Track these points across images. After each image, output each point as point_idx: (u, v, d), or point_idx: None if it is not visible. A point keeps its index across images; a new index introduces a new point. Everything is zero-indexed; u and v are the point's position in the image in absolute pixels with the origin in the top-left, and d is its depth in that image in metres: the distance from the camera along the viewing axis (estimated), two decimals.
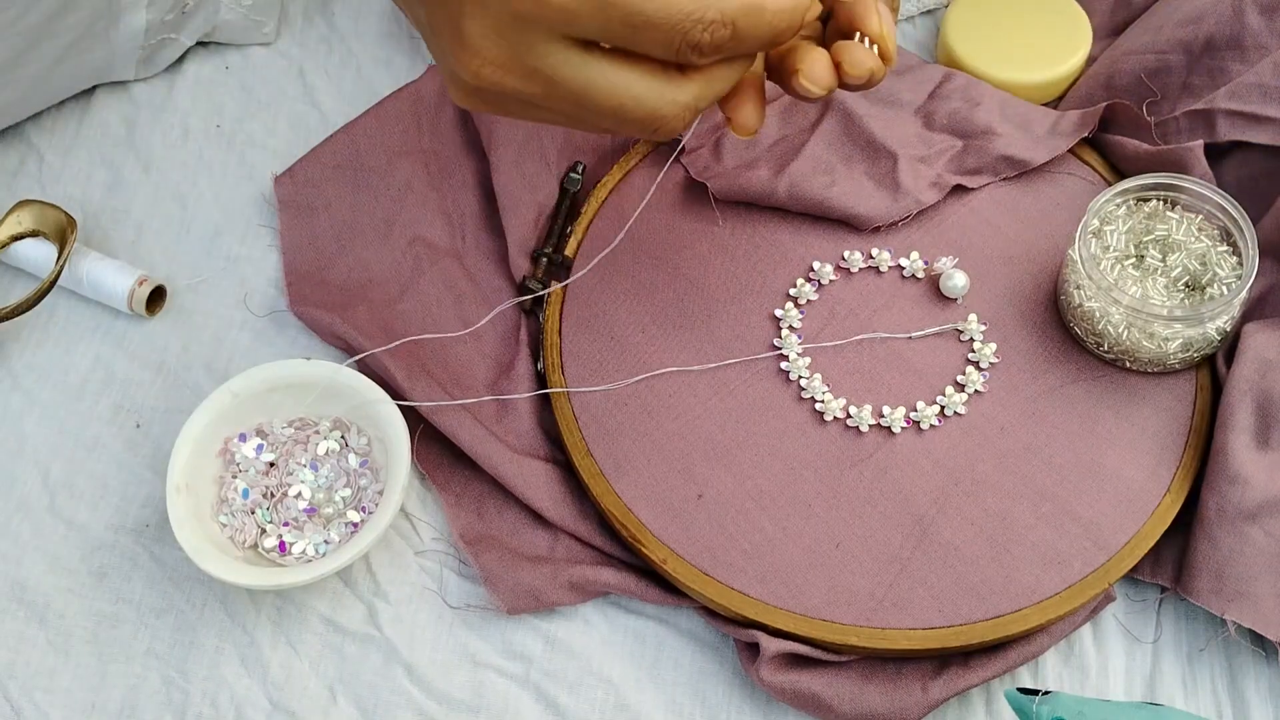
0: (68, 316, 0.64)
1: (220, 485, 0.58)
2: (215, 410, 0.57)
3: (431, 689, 0.55)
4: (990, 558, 0.55)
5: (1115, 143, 0.65)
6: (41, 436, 0.61)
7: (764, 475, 0.58)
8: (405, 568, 0.58)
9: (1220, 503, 0.55)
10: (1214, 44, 0.65)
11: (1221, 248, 0.60)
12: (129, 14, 0.66)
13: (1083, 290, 0.59)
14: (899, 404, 0.59)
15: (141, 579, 0.58)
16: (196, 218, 0.67)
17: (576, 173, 0.66)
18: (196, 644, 0.56)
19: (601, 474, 0.58)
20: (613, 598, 0.57)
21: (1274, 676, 0.55)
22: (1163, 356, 0.59)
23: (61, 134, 0.70)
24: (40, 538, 0.59)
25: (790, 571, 0.55)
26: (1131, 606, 0.57)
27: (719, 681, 0.56)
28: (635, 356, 0.61)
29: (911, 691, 0.53)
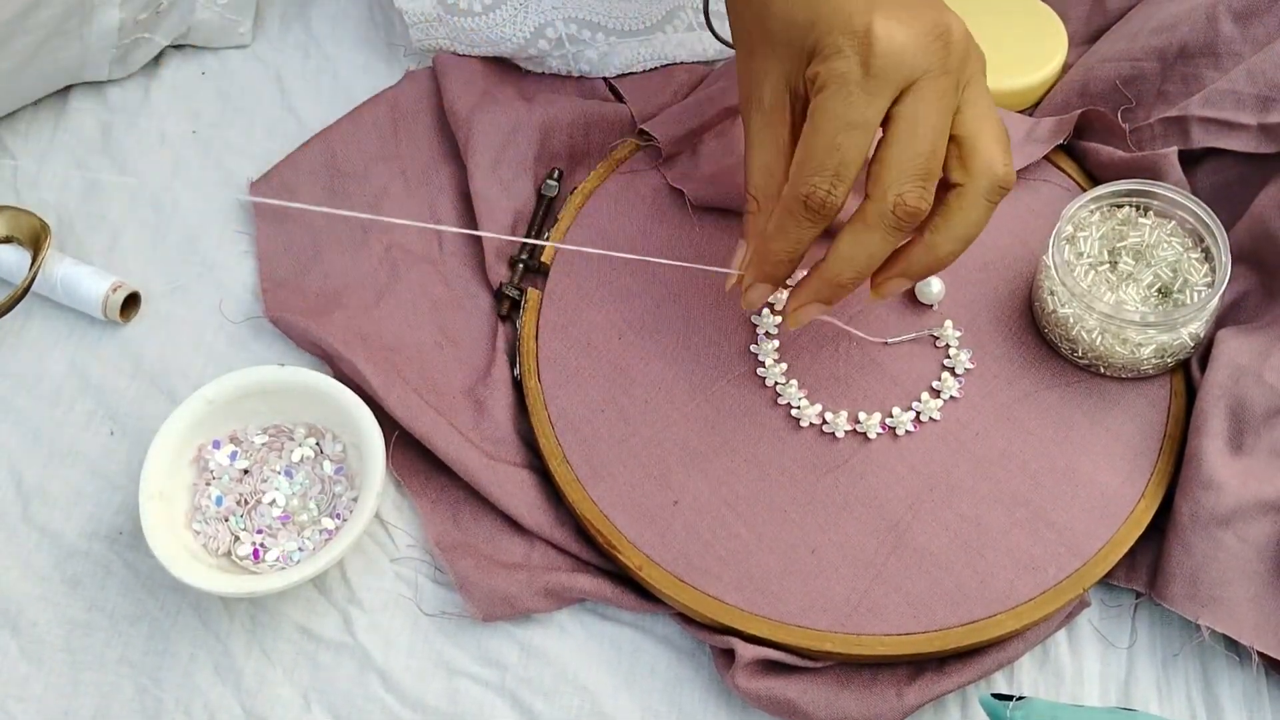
0: (41, 323, 0.64)
1: (194, 493, 0.57)
2: (189, 417, 0.57)
3: (406, 696, 0.55)
4: (965, 563, 0.56)
5: (1090, 149, 0.66)
6: (15, 443, 0.61)
7: (740, 481, 0.58)
8: (380, 575, 0.58)
9: (1194, 508, 0.55)
10: (1188, 51, 0.65)
11: (1194, 254, 0.60)
12: (102, 12, 0.66)
13: (1056, 296, 0.59)
14: (875, 410, 0.59)
15: (115, 587, 0.57)
16: (172, 223, 0.67)
17: (553, 179, 0.66)
18: (170, 652, 0.56)
19: (577, 480, 0.58)
20: (589, 604, 0.57)
21: (1248, 681, 0.55)
22: (1136, 362, 0.59)
23: (36, 138, 0.70)
24: (13, 545, 0.58)
25: (766, 578, 0.55)
26: (1106, 612, 0.57)
27: (695, 688, 0.55)
28: (612, 362, 0.61)
29: (886, 697, 0.53)
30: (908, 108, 0.49)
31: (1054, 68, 0.69)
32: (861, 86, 0.48)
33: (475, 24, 0.68)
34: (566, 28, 0.69)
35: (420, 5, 0.68)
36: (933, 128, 0.49)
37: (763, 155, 0.53)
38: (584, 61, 0.69)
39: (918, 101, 0.49)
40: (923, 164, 0.50)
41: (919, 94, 0.49)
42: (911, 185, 0.50)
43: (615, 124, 0.68)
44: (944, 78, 0.49)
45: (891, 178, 0.50)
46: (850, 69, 0.48)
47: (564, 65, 0.70)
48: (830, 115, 0.49)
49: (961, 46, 0.50)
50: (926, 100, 0.49)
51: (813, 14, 0.50)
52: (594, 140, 0.68)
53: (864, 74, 0.48)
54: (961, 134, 0.51)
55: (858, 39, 0.48)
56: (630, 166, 0.67)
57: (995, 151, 0.51)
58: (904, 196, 0.50)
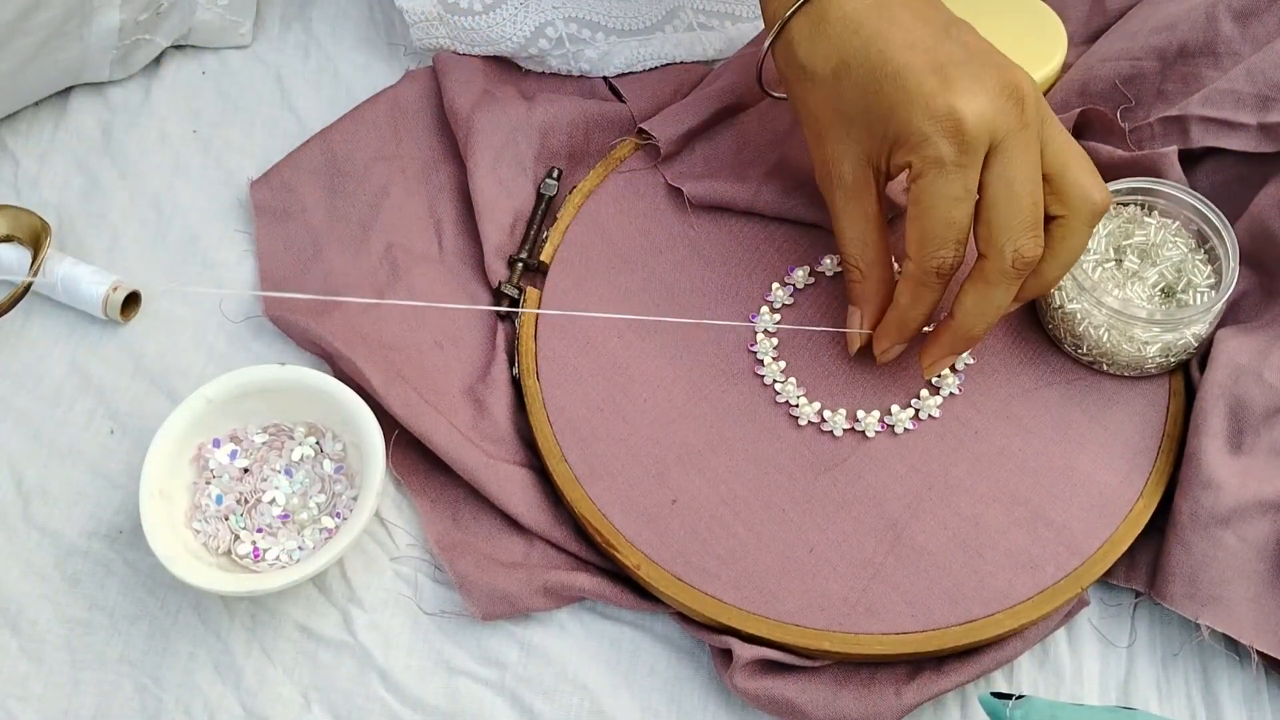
0: (42, 322, 0.64)
1: (194, 491, 0.57)
2: (189, 416, 0.57)
3: (406, 695, 0.55)
4: (963, 562, 0.56)
5: (1090, 148, 0.65)
6: (15, 442, 0.61)
7: (738, 480, 0.58)
8: (380, 574, 0.58)
9: (1193, 507, 0.55)
10: (1188, 50, 0.65)
11: (1198, 255, 0.60)
12: (102, 13, 0.66)
13: (1064, 291, 0.59)
14: (873, 408, 0.59)
15: (115, 586, 0.57)
16: (172, 223, 0.67)
17: (553, 178, 0.66)
18: (170, 651, 0.56)
19: (576, 480, 0.58)
20: (588, 603, 0.57)
21: (1248, 681, 0.55)
22: (1140, 360, 0.59)
23: (37, 138, 0.70)
24: (13, 544, 0.58)
25: (764, 577, 0.55)
26: (1106, 611, 0.57)
27: (694, 687, 0.56)
28: (610, 361, 0.61)
29: (885, 696, 0.53)
30: (1000, 169, 0.52)
31: (1053, 67, 0.69)
32: (956, 163, 0.52)
33: (475, 23, 0.68)
34: (566, 27, 0.69)
35: (420, 4, 0.68)
36: (1027, 179, 0.52)
37: (854, 229, 0.56)
38: (584, 61, 0.70)
39: (1008, 162, 0.52)
40: (1028, 216, 0.53)
41: (1008, 154, 0.52)
42: (1025, 238, 0.53)
43: (615, 123, 0.68)
44: (1024, 131, 0.52)
45: (1005, 237, 0.53)
46: (943, 152, 0.52)
47: (564, 65, 0.70)
48: (937, 197, 0.52)
49: (1034, 98, 0.53)
50: (1015, 158, 0.52)
51: (889, 100, 0.53)
52: (594, 140, 0.68)
53: (956, 153, 0.51)
54: (1051, 171, 0.54)
55: (941, 123, 0.51)
56: (630, 165, 0.67)
57: (1087, 180, 0.54)
58: (1020, 250, 0.53)
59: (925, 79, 0.52)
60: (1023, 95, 0.52)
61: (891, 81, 0.52)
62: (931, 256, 0.54)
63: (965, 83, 0.52)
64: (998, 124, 0.52)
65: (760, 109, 0.68)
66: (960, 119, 0.51)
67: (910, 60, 0.52)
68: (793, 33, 0.56)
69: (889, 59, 0.53)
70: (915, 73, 0.52)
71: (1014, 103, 0.52)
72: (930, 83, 0.52)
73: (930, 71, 0.52)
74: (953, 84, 0.51)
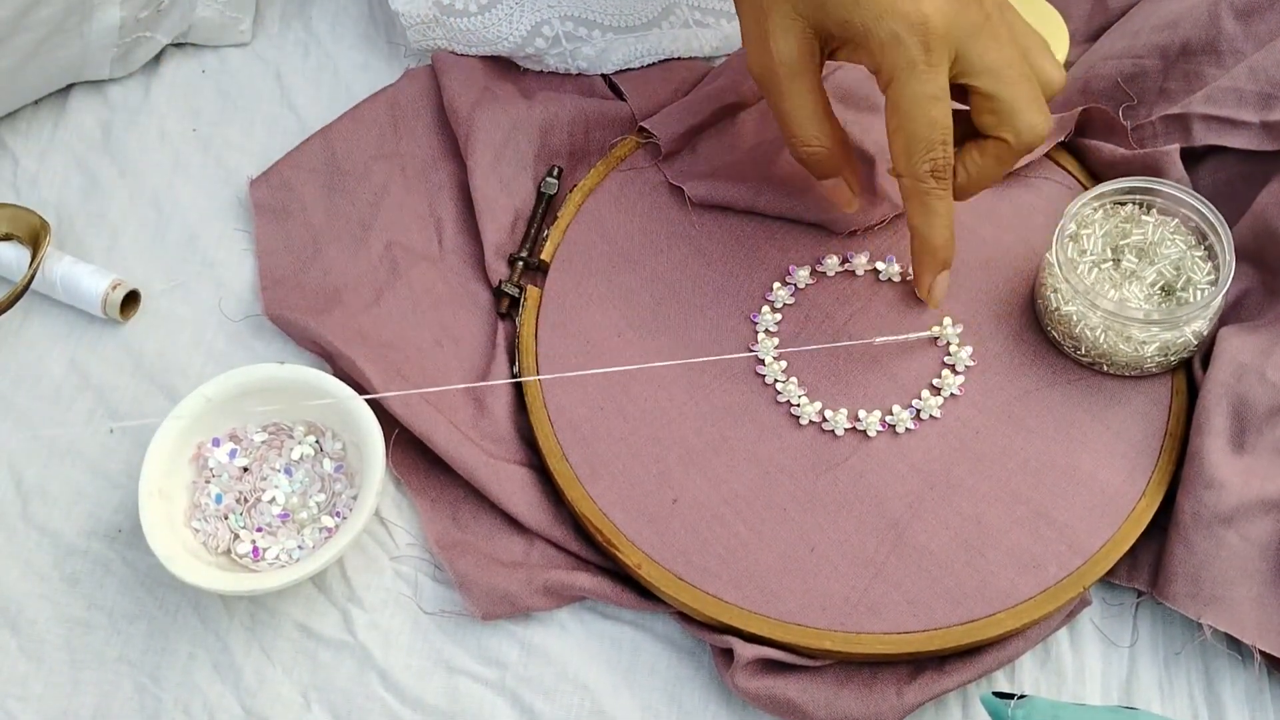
0: (41, 321, 0.64)
1: (193, 490, 0.57)
2: (189, 415, 0.57)
3: (406, 695, 0.55)
4: (965, 561, 0.55)
5: (1092, 147, 0.65)
6: (14, 441, 0.61)
7: (739, 479, 0.58)
8: (380, 573, 0.58)
9: (1196, 507, 0.55)
10: (1190, 49, 0.65)
11: (1197, 252, 0.60)
12: (102, 10, 0.66)
13: (1060, 294, 0.59)
14: (875, 407, 0.59)
15: (114, 585, 0.57)
16: (172, 221, 0.67)
17: (553, 176, 0.66)
18: (169, 650, 0.56)
19: (576, 479, 0.57)
20: (588, 603, 0.57)
21: (1250, 680, 0.55)
22: (1139, 360, 0.59)
23: (37, 137, 0.70)
24: (12, 544, 0.58)
25: (765, 576, 0.55)
26: (1108, 610, 0.57)
27: (695, 687, 0.55)
28: (611, 360, 0.61)
29: (886, 696, 0.53)
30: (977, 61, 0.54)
31: None
32: (928, 64, 0.52)
33: (471, 24, 0.68)
34: (563, 25, 0.69)
35: (416, 7, 0.68)
36: (1009, 62, 0.54)
37: (803, 107, 0.56)
38: (581, 58, 0.69)
39: (983, 52, 0.54)
40: (1031, 89, 0.55)
41: (980, 47, 0.53)
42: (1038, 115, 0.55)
43: (615, 121, 0.68)
44: (988, 23, 0.53)
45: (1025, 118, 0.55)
46: (915, 55, 0.52)
47: (561, 63, 0.70)
48: (915, 98, 0.53)
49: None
50: (989, 48, 0.53)
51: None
52: (594, 138, 0.67)
53: (926, 55, 0.52)
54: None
55: (912, 26, 0.52)
56: (630, 164, 0.67)
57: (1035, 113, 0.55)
58: (1040, 130, 0.55)
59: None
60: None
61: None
62: (923, 161, 0.54)
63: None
64: (960, 21, 0.53)
65: (761, 107, 0.68)
66: (929, 23, 0.52)
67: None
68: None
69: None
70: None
71: (973, 3, 0.53)
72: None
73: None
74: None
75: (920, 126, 0.54)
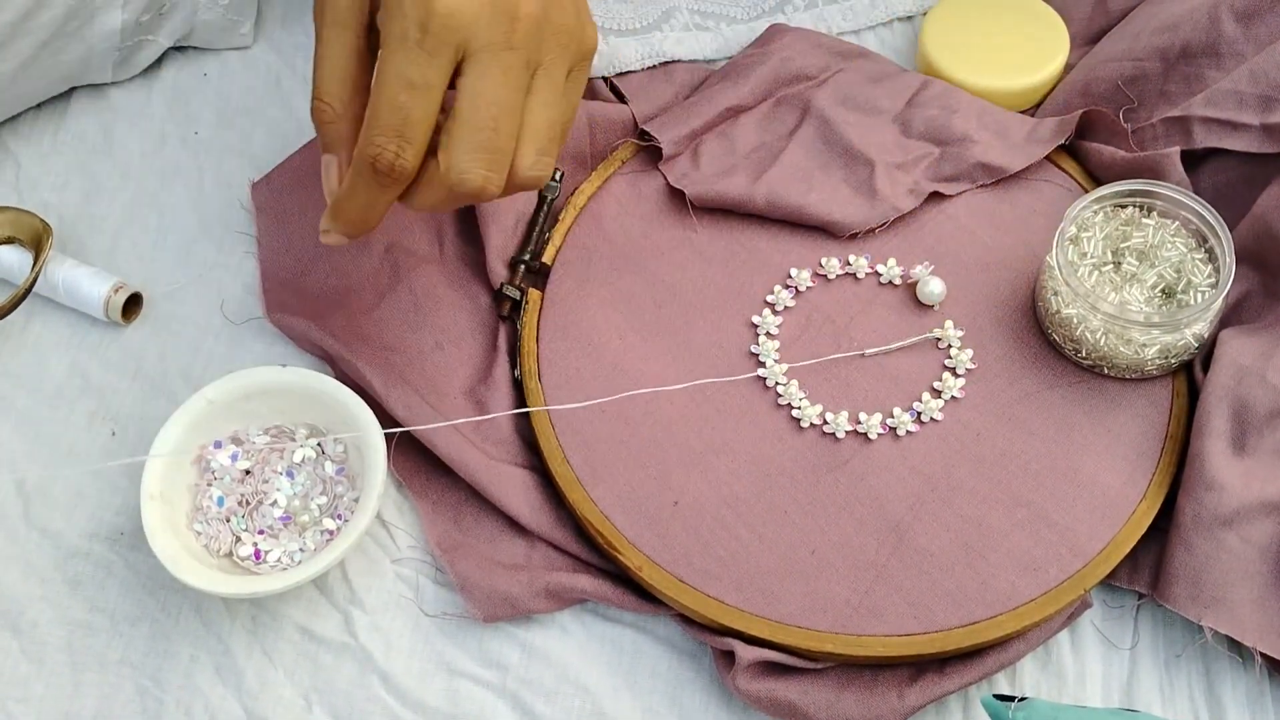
0: (43, 324, 0.64)
1: (195, 493, 0.57)
2: (191, 417, 0.57)
3: (407, 697, 0.55)
4: (966, 564, 0.55)
5: (1092, 150, 0.66)
6: (16, 444, 0.61)
7: (740, 482, 0.58)
8: (381, 576, 0.58)
9: (1196, 509, 0.55)
10: (1190, 51, 0.65)
11: (1198, 254, 0.60)
12: (104, 13, 0.66)
13: (1060, 297, 0.59)
14: (876, 410, 0.59)
15: (116, 587, 0.57)
16: (173, 225, 0.67)
17: (555, 179, 0.66)
18: (171, 653, 0.56)
19: (578, 481, 0.58)
20: (589, 605, 0.57)
21: (1251, 682, 0.55)
22: (1140, 363, 0.59)
23: (38, 140, 0.70)
24: (14, 546, 0.58)
25: (766, 578, 0.55)
26: (1109, 613, 0.57)
27: (696, 689, 0.55)
28: (612, 363, 0.61)
29: (887, 699, 0.53)
30: (469, 80, 0.48)
31: (1056, 68, 0.69)
32: (420, 45, 0.47)
33: None
34: None
35: None
36: (495, 102, 0.48)
37: (334, 61, 0.51)
38: None
39: (479, 75, 0.48)
40: (485, 139, 0.49)
41: (480, 66, 0.48)
42: (472, 162, 0.49)
43: (617, 125, 0.68)
44: (508, 53, 0.48)
45: (453, 155, 0.49)
46: (409, 29, 0.47)
47: None
48: (392, 73, 0.48)
49: (531, 24, 0.48)
50: (488, 74, 0.48)
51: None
52: (596, 141, 0.68)
53: (421, 34, 0.47)
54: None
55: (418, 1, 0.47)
56: (632, 167, 0.67)
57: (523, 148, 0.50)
58: (464, 177, 0.49)
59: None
60: (518, 17, 0.48)
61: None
62: (371, 142, 0.48)
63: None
64: (476, 29, 0.47)
65: (762, 110, 0.68)
66: (431, 4, 0.47)
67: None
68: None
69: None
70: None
71: (504, 20, 0.48)
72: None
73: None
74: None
75: (383, 105, 0.48)
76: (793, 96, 0.68)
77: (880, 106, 0.67)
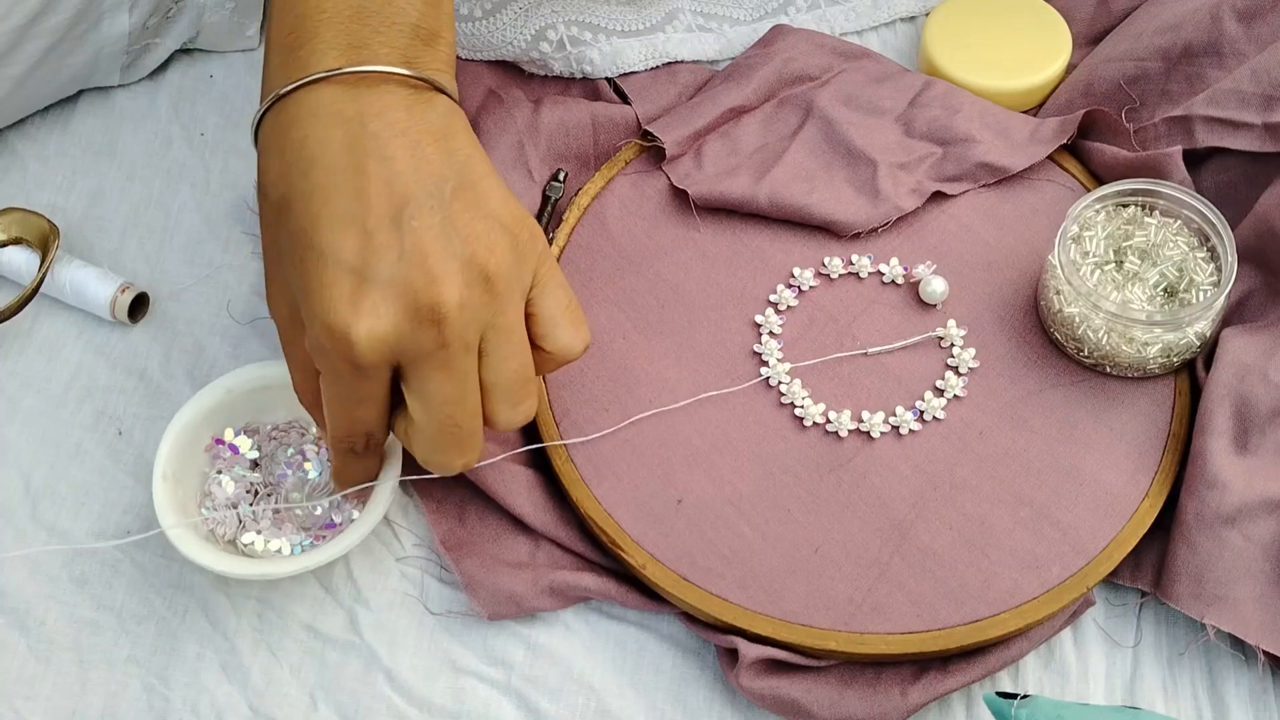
0: (50, 324, 0.64)
1: (205, 479, 0.58)
2: (207, 404, 0.57)
3: (412, 695, 0.55)
4: (968, 562, 0.56)
5: (1094, 149, 0.66)
6: (23, 444, 0.61)
7: (743, 480, 0.58)
8: (386, 574, 0.58)
9: (1199, 507, 0.55)
10: (1192, 51, 0.65)
11: (1200, 253, 0.60)
12: (111, 17, 0.67)
13: (1062, 296, 0.59)
14: (878, 409, 0.59)
15: (122, 586, 0.58)
16: (179, 226, 0.68)
17: (559, 180, 0.66)
18: (177, 651, 0.56)
19: (582, 480, 0.58)
20: (594, 603, 0.57)
21: (1254, 680, 0.55)
22: (1142, 361, 0.59)
23: (45, 142, 0.70)
24: (21, 545, 0.58)
25: (769, 576, 0.55)
26: (1111, 611, 0.57)
27: (700, 687, 0.56)
28: (616, 363, 0.61)
29: (890, 696, 0.53)
30: (412, 387, 0.49)
31: (1058, 68, 0.69)
32: (353, 376, 0.48)
33: (476, 29, 0.69)
34: (567, 30, 0.69)
35: None
36: (446, 400, 0.49)
37: (296, 358, 0.52)
38: (587, 63, 0.70)
39: (421, 381, 0.48)
40: (447, 436, 0.50)
41: (419, 376, 0.48)
42: (441, 455, 0.50)
43: (621, 125, 0.68)
44: (442, 352, 0.47)
45: (422, 452, 0.51)
46: (337, 365, 0.48)
47: (567, 67, 0.70)
48: (335, 399, 0.49)
49: (458, 314, 0.47)
50: (430, 378, 0.48)
51: (306, 280, 0.47)
52: (600, 142, 0.68)
53: (349, 367, 0.47)
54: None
55: (335, 339, 0.47)
56: (635, 168, 0.67)
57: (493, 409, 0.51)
58: (439, 466, 0.51)
59: (340, 279, 0.46)
60: (442, 317, 0.47)
61: (314, 261, 0.47)
62: (342, 440, 0.51)
63: (375, 299, 0.46)
64: (402, 347, 0.47)
65: (765, 111, 0.68)
66: (352, 345, 0.46)
67: (337, 245, 0.46)
68: (264, 128, 0.50)
69: (319, 230, 0.47)
70: (334, 266, 0.46)
71: (428, 326, 0.47)
72: (342, 287, 0.46)
73: (349, 271, 0.46)
74: (362, 298, 0.46)
75: (335, 422, 0.50)
76: (795, 97, 0.68)
77: (883, 107, 0.67)
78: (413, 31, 0.49)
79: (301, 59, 0.48)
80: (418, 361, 0.48)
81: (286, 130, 0.48)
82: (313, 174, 0.47)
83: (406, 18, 0.49)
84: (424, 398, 0.49)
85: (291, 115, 0.48)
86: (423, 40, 0.49)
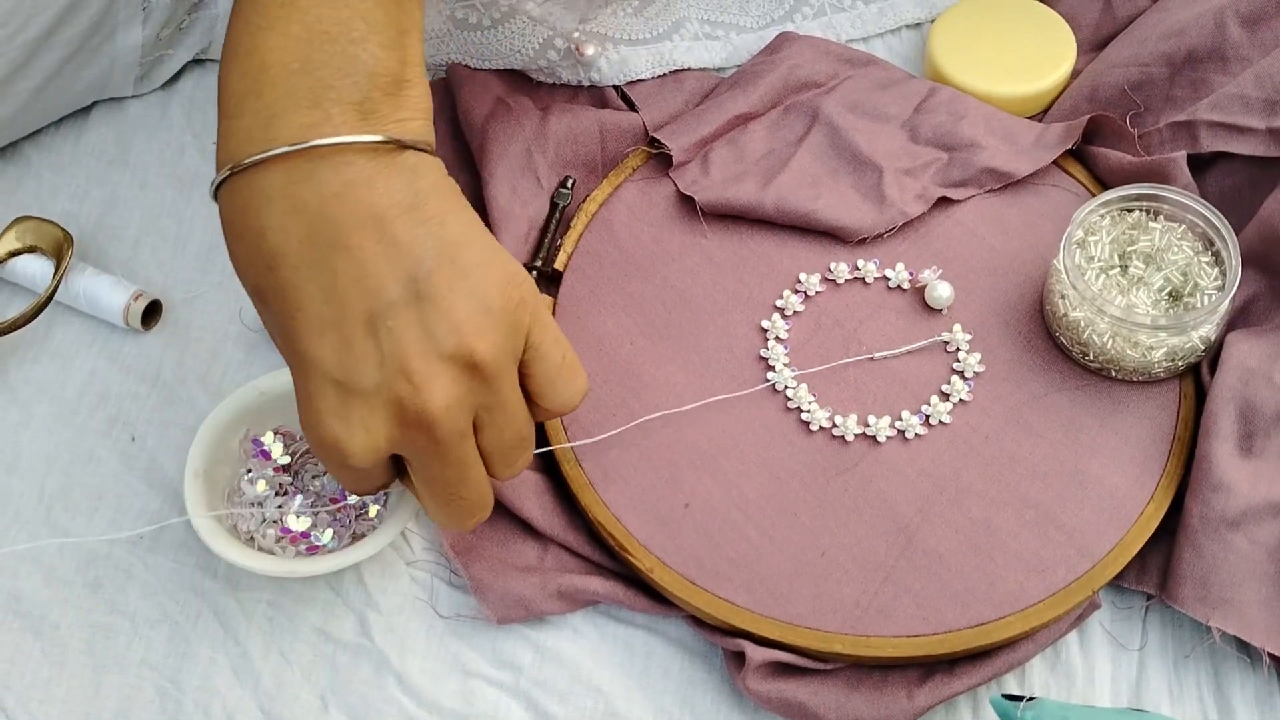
0: (64, 331, 0.65)
1: (234, 479, 0.58)
2: (241, 405, 0.58)
3: (422, 698, 0.56)
4: (974, 565, 0.56)
5: (1099, 154, 0.66)
6: (38, 450, 0.62)
7: (750, 484, 0.58)
8: (396, 578, 0.58)
9: (1204, 510, 0.55)
10: (1196, 56, 0.66)
11: (1204, 258, 0.60)
12: (125, 29, 0.67)
13: (1067, 300, 0.60)
14: (884, 413, 0.60)
15: (136, 590, 0.58)
16: (192, 233, 0.68)
17: (566, 187, 0.67)
18: (190, 655, 0.57)
19: (589, 484, 0.58)
20: (602, 607, 0.58)
21: (1259, 683, 0.55)
22: (1147, 365, 0.59)
23: (58, 151, 0.71)
24: (36, 549, 0.59)
25: (776, 580, 0.56)
26: (1117, 614, 0.57)
27: (708, 690, 0.56)
28: (623, 368, 0.61)
29: (897, 699, 0.53)
30: (415, 475, 0.49)
31: (1063, 74, 0.70)
32: (355, 482, 0.50)
33: (485, 38, 0.69)
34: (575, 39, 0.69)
35: (430, 21, 0.69)
36: (447, 483, 0.49)
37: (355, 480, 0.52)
38: (594, 71, 0.70)
39: (421, 473, 0.49)
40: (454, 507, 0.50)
41: (419, 469, 0.49)
42: (453, 521, 0.51)
43: (627, 132, 0.68)
44: (435, 447, 0.47)
45: (437, 519, 0.51)
46: (336, 470, 0.49)
47: (574, 75, 0.70)
48: (342, 480, 0.50)
49: (448, 417, 0.46)
50: (428, 469, 0.48)
51: (291, 376, 0.48)
52: (608, 149, 0.68)
53: (348, 473, 0.49)
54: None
55: (328, 450, 0.47)
56: (642, 174, 0.67)
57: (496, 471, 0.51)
58: (454, 527, 0.51)
59: (325, 390, 0.46)
60: (431, 421, 0.46)
61: (297, 366, 0.46)
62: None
63: (363, 413, 0.46)
64: (397, 449, 0.47)
65: (771, 117, 0.69)
66: (347, 456, 0.46)
67: (317, 355, 0.46)
68: (222, 200, 0.48)
69: (298, 336, 0.46)
70: (318, 377, 0.46)
71: (419, 430, 0.46)
72: (328, 400, 0.46)
73: (333, 383, 0.46)
74: (350, 411, 0.46)
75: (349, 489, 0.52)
76: (801, 103, 0.68)
77: (888, 113, 0.68)
78: (369, 81, 0.45)
79: (245, 129, 0.45)
80: (413, 460, 0.48)
81: (244, 215, 0.46)
82: (279, 270, 0.45)
83: (360, 66, 0.45)
84: (426, 482, 0.49)
85: (246, 199, 0.46)
86: (382, 89, 0.46)
